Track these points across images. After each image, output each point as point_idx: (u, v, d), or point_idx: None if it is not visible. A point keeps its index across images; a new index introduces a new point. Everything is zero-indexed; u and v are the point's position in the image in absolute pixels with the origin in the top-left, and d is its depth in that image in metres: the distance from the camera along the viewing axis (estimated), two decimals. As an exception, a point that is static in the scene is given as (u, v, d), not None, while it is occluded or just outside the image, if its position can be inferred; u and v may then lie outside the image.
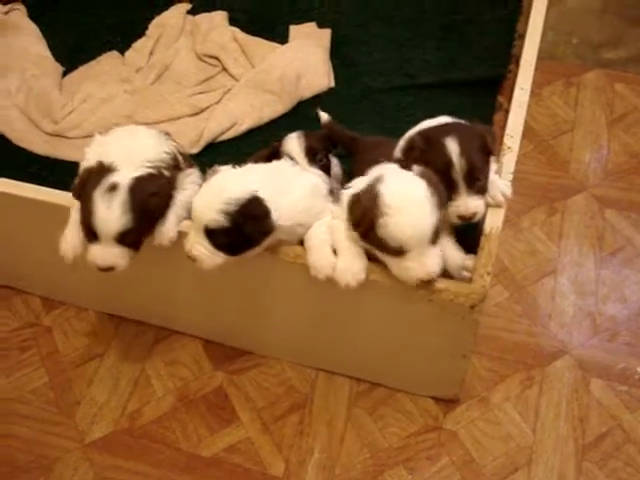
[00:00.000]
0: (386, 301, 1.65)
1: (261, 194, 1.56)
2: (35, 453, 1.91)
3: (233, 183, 1.57)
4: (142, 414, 1.97)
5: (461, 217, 1.62)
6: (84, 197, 1.65)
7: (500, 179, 1.68)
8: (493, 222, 1.65)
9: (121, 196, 1.61)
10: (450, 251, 1.62)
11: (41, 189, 1.83)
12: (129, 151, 1.74)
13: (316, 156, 1.92)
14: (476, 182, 1.61)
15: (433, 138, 1.62)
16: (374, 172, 1.61)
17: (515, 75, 2.33)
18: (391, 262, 1.54)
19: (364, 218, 1.52)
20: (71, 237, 1.71)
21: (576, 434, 1.87)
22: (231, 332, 2.03)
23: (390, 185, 1.52)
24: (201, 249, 1.58)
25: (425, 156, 1.61)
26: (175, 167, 1.79)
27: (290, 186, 1.66)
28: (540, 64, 2.15)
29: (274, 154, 1.93)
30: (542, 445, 1.86)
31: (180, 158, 1.81)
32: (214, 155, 2.38)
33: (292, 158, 1.88)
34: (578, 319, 2.08)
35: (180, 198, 1.73)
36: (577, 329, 2.06)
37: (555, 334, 2.05)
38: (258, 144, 2.32)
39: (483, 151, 1.63)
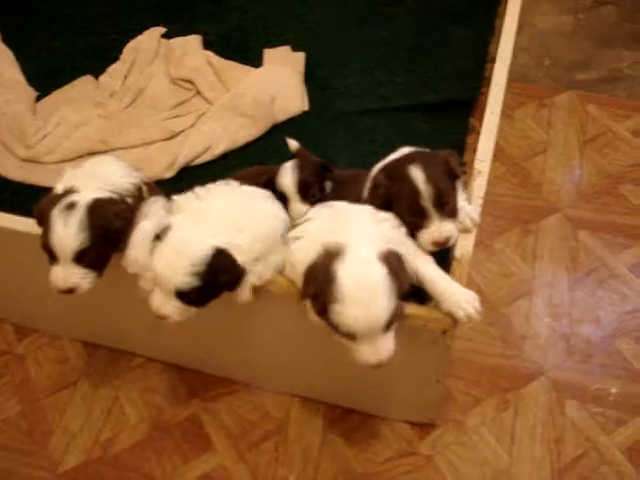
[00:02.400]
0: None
1: (221, 245, 1.54)
2: (7, 484, 1.89)
3: (191, 242, 1.53)
4: (115, 442, 1.95)
5: (435, 243, 1.61)
6: (43, 217, 1.64)
7: (468, 205, 1.69)
8: (464, 247, 1.65)
9: (78, 214, 1.60)
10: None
11: (15, 218, 1.82)
12: (93, 176, 1.74)
13: (309, 192, 1.84)
14: (445, 206, 1.60)
15: (396, 171, 1.62)
16: (330, 224, 1.57)
17: (487, 97, 2.35)
18: (342, 341, 1.50)
19: (317, 298, 1.48)
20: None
21: (552, 457, 1.87)
22: (206, 359, 2.02)
23: (349, 271, 1.44)
24: (171, 308, 1.56)
25: (390, 191, 1.60)
26: (138, 197, 1.78)
27: (244, 223, 1.62)
28: (512, 86, 2.18)
29: (269, 182, 1.86)
30: (518, 469, 1.86)
31: (145, 189, 1.80)
32: (189, 178, 2.37)
33: (284, 193, 1.83)
34: (552, 341, 2.08)
35: (147, 225, 1.71)
36: (552, 351, 2.06)
37: (530, 356, 2.05)
38: (233, 167, 2.31)
39: (448, 175, 1.63)
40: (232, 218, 1.60)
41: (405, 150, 1.71)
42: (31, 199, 2.29)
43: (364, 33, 2.83)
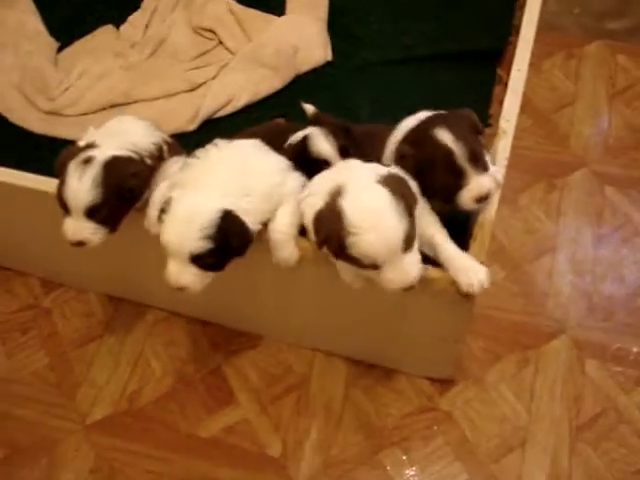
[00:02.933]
0: (380, 288, 1.65)
1: (228, 207, 1.54)
2: (37, 435, 1.94)
3: (198, 206, 1.53)
4: (141, 395, 1.99)
5: (479, 199, 1.58)
6: (60, 169, 1.65)
7: (491, 165, 1.67)
8: (486, 210, 1.64)
9: (93, 170, 1.60)
10: None
11: (40, 178, 1.82)
12: (114, 133, 1.74)
13: (349, 154, 1.81)
14: (480, 161, 1.58)
15: (421, 138, 1.59)
16: (333, 175, 1.57)
17: (516, 47, 2.30)
18: (370, 274, 1.51)
19: (331, 240, 1.47)
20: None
21: (570, 415, 1.89)
22: (229, 313, 2.05)
23: (352, 201, 1.45)
24: (190, 276, 1.56)
25: (420, 159, 1.58)
26: (159, 157, 1.78)
27: (249, 184, 1.61)
28: (541, 35, 2.12)
29: (299, 152, 1.81)
30: (536, 426, 1.88)
31: (165, 149, 1.79)
32: (212, 131, 2.36)
33: (324, 159, 1.79)
34: (575, 298, 2.08)
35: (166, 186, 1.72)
36: (574, 309, 2.06)
37: (551, 314, 2.05)
38: (255, 120, 2.30)
39: (474, 131, 1.61)
40: (235, 181, 1.59)
41: (423, 114, 1.68)
42: (54, 152, 2.32)
43: (388, -22, 2.76)
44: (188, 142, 2.33)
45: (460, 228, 1.67)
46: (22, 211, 1.94)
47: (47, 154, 2.30)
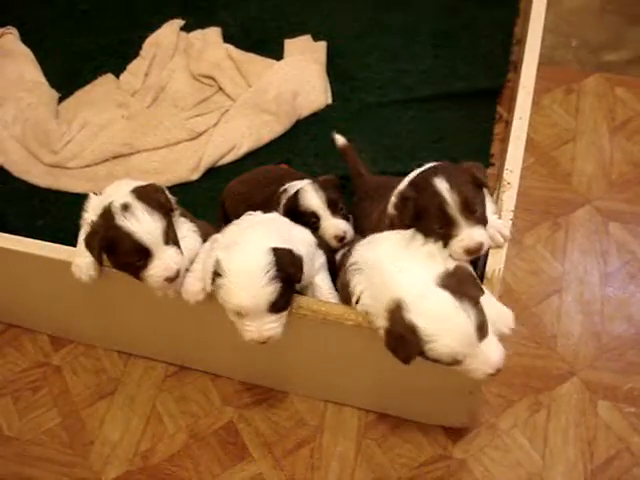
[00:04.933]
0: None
1: (273, 245, 1.59)
2: (52, 496, 1.94)
3: (250, 256, 1.57)
4: (155, 452, 1.99)
5: (468, 251, 1.59)
6: (111, 238, 1.62)
7: (498, 219, 1.67)
8: (495, 264, 1.64)
9: (138, 206, 1.62)
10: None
11: (45, 245, 1.82)
12: (120, 189, 1.74)
13: (337, 207, 1.90)
14: (473, 214, 1.59)
15: (421, 184, 1.61)
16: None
17: (515, 84, 2.31)
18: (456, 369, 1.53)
19: (412, 354, 1.51)
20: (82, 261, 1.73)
21: (585, 458, 1.88)
22: (240, 367, 2.04)
23: (419, 313, 1.47)
24: (272, 325, 1.59)
25: (418, 204, 1.60)
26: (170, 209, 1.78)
27: (289, 234, 1.68)
28: (539, 70, 2.12)
29: (292, 208, 1.88)
30: (551, 471, 1.87)
31: (173, 203, 1.79)
32: (214, 180, 2.38)
33: (313, 212, 1.86)
34: (584, 339, 2.08)
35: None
36: (583, 350, 2.06)
37: (561, 356, 2.05)
38: (257, 166, 2.31)
39: (473, 183, 1.62)
40: (275, 231, 1.66)
41: (430, 165, 1.69)
42: (59, 205, 2.35)
43: (385, 18, 2.79)
44: (191, 191, 2.36)
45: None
46: (29, 274, 1.94)
47: (54, 209, 2.34)
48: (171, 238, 1.66)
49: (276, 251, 1.57)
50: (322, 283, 1.72)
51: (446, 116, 2.47)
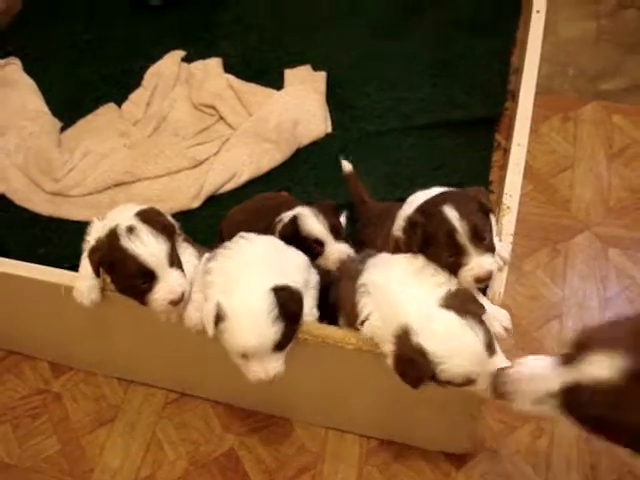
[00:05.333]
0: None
1: (273, 285, 1.59)
2: (51, 525, 1.93)
3: (252, 298, 1.57)
4: (155, 479, 1.98)
5: (478, 279, 1.59)
6: (114, 258, 1.63)
7: (498, 242, 1.68)
8: (496, 287, 1.65)
9: (143, 228, 1.63)
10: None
11: (48, 270, 1.83)
12: (123, 213, 1.75)
13: (339, 232, 1.89)
14: (482, 242, 1.60)
15: (430, 211, 1.62)
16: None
17: (513, 112, 2.33)
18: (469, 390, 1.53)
19: (423, 378, 1.52)
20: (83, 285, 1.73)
21: (588, 484, 1.88)
22: (240, 394, 2.04)
23: (427, 337, 1.48)
24: (276, 364, 1.60)
25: (427, 230, 1.60)
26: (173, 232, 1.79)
27: (284, 264, 1.70)
28: (536, 99, 2.15)
29: (289, 231, 1.87)
30: (556, 497, 1.87)
31: (177, 228, 1.80)
32: (215, 207, 2.39)
33: (316, 239, 1.85)
34: (585, 365, 2.07)
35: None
36: (585, 375, 2.05)
37: (563, 381, 2.05)
38: (258, 194, 2.32)
39: (481, 210, 1.63)
40: (272, 267, 1.66)
41: (436, 190, 1.70)
42: (60, 233, 2.36)
43: (383, 48, 2.83)
44: (192, 218, 2.37)
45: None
46: (30, 299, 1.94)
47: (55, 237, 2.34)
48: (175, 261, 1.66)
49: (277, 291, 1.57)
50: (305, 302, 1.69)
51: (445, 144, 2.49)
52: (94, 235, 1.76)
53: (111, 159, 2.51)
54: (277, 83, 2.71)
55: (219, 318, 1.57)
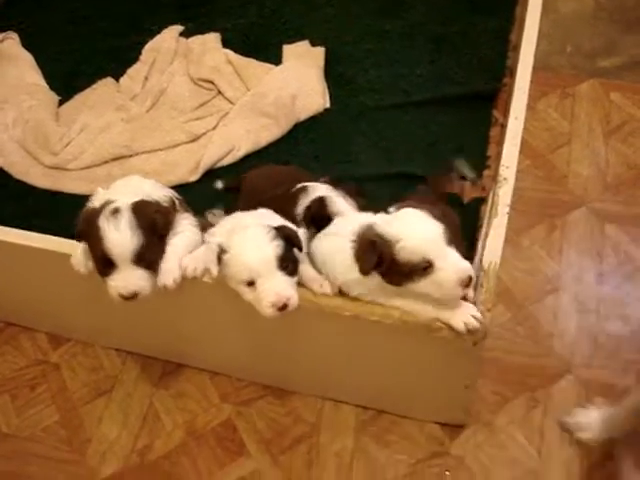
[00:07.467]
0: (389, 337, 1.67)
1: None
2: (49, 493, 1.94)
3: (254, 226, 1.64)
4: (152, 449, 1.99)
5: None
6: (89, 231, 1.64)
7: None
8: (491, 257, 1.65)
9: (126, 216, 1.62)
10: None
11: (45, 237, 1.84)
12: (126, 190, 1.76)
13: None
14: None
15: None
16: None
17: (510, 88, 2.33)
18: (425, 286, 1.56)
19: (383, 257, 1.56)
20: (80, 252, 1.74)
21: (581, 455, 1.89)
22: (237, 364, 2.05)
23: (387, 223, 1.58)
24: (285, 285, 1.61)
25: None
26: (172, 208, 1.80)
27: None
28: (534, 75, 2.15)
29: (318, 214, 1.83)
30: (548, 468, 1.88)
31: (177, 202, 1.82)
32: (212, 181, 2.39)
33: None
34: (580, 338, 2.09)
35: (179, 240, 1.74)
36: (579, 348, 2.07)
37: (557, 354, 2.06)
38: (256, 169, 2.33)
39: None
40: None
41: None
42: (57, 207, 2.36)
43: (383, 24, 2.81)
44: (190, 192, 2.37)
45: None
46: (28, 269, 1.95)
47: (50, 209, 2.34)
48: (145, 260, 1.64)
49: (274, 227, 1.63)
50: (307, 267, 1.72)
51: (443, 120, 2.49)
52: (95, 204, 1.76)
53: (109, 133, 2.51)
54: (275, 58, 2.70)
55: (222, 252, 1.62)
